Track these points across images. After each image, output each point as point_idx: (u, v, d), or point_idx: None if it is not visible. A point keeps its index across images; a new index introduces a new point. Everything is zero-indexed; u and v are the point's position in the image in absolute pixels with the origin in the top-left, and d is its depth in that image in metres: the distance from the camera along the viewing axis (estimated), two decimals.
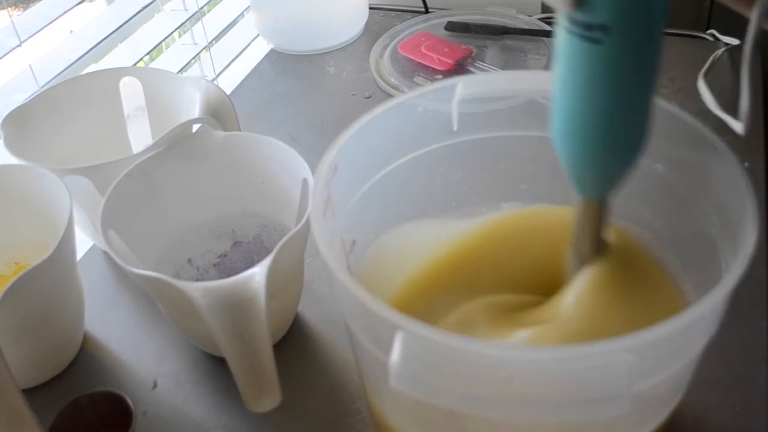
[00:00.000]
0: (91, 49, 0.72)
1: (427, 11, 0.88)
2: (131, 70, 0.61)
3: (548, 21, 0.83)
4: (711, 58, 0.74)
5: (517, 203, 0.45)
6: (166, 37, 0.81)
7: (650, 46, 0.30)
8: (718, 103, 0.67)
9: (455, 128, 0.41)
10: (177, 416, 0.48)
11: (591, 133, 0.32)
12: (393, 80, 0.77)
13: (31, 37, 0.64)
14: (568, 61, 0.31)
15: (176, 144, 0.51)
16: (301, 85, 0.80)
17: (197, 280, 0.54)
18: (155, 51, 0.82)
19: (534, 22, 0.83)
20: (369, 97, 0.76)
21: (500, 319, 0.41)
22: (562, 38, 0.30)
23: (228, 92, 0.73)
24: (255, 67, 0.85)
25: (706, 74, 0.72)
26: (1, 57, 0.62)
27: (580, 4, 0.29)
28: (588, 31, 0.29)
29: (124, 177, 0.48)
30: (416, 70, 0.78)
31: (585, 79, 0.30)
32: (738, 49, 0.76)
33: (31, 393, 0.49)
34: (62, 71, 0.69)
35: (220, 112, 0.54)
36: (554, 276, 0.40)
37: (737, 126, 0.62)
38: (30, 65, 0.67)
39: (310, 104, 0.77)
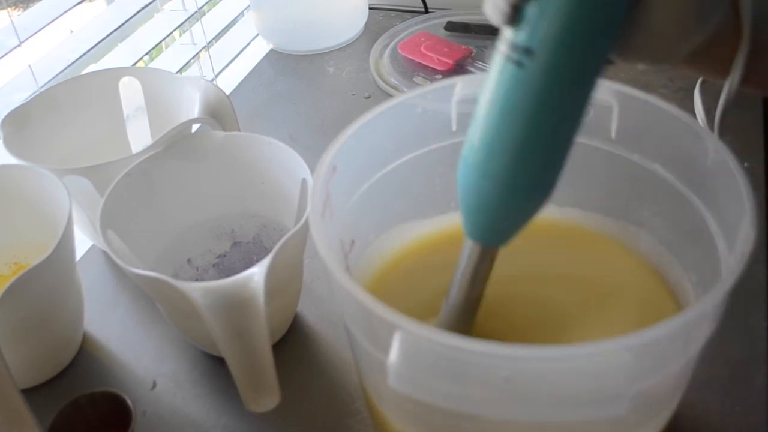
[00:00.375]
0: (91, 49, 0.72)
1: (427, 11, 0.88)
2: (131, 70, 0.61)
3: None
4: None
5: None
6: (166, 37, 0.81)
7: (578, 80, 0.28)
8: (706, 117, 0.66)
9: (454, 128, 0.41)
10: (176, 416, 0.48)
11: (503, 168, 0.30)
12: (393, 80, 0.77)
13: (30, 37, 0.64)
14: (494, 84, 0.29)
15: (176, 144, 0.51)
16: (301, 85, 0.80)
17: (196, 280, 0.54)
18: (155, 51, 0.82)
19: None
20: (369, 97, 0.76)
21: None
22: (495, 60, 0.29)
23: (228, 92, 0.73)
24: (255, 67, 0.85)
25: (703, 82, 0.71)
26: (1, 57, 0.62)
27: (515, 21, 0.27)
28: (514, 52, 0.27)
29: (123, 177, 0.48)
30: (416, 70, 0.78)
31: (504, 105, 0.29)
32: None
33: (30, 393, 0.49)
34: (62, 71, 0.69)
35: (219, 112, 0.54)
36: None
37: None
38: (30, 65, 0.67)
39: (310, 104, 0.77)
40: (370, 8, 0.89)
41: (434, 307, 0.42)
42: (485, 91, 0.29)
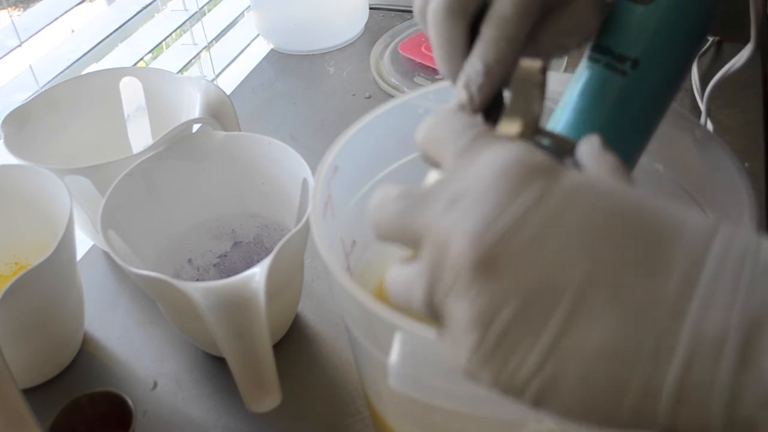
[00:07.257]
0: (92, 48, 0.72)
1: None
2: (131, 70, 0.61)
3: None
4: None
5: None
6: (166, 37, 0.81)
7: (676, 82, 0.31)
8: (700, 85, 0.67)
9: None
10: (177, 416, 0.48)
11: None
12: (393, 80, 0.77)
13: (31, 37, 0.64)
14: (592, 90, 0.31)
15: (176, 144, 0.51)
16: (301, 85, 0.80)
17: (197, 280, 0.54)
18: (156, 51, 0.82)
19: None
20: (369, 97, 0.76)
21: None
22: (590, 68, 0.31)
23: (228, 92, 0.73)
24: (255, 67, 0.85)
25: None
26: (1, 57, 0.62)
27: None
28: (618, 63, 0.30)
29: (124, 177, 0.48)
30: (416, 71, 0.78)
31: (601, 106, 0.31)
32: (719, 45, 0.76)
33: (31, 393, 0.49)
34: (62, 71, 0.69)
35: (220, 112, 0.54)
36: None
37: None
38: (30, 65, 0.67)
39: (310, 104, 0.77)
40: (370, 8, 0.89)
41: None
42: (578, 96, 0.31)
